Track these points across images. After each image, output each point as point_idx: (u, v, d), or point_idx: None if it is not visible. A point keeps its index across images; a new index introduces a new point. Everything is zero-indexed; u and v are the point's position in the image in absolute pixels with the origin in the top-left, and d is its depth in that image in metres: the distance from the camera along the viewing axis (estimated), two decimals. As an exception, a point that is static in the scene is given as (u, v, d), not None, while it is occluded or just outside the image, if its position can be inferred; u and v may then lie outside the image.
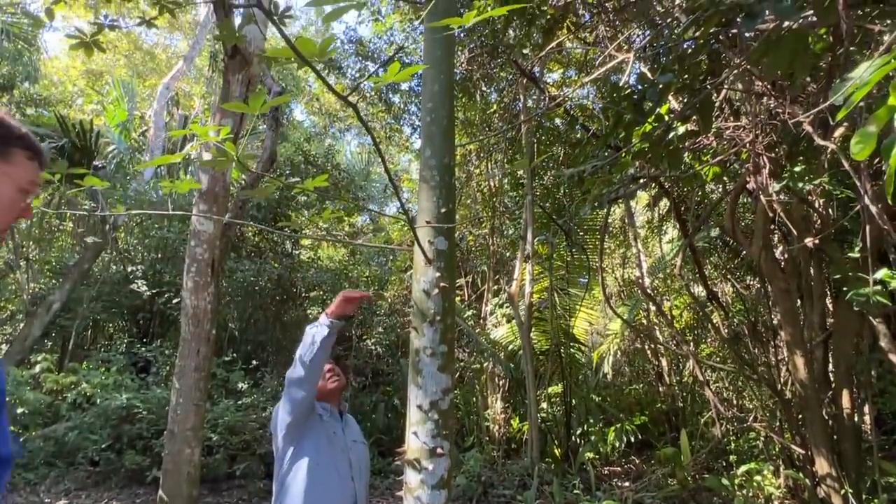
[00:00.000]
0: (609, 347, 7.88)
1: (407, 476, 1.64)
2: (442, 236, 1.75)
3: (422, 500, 1.60)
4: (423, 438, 1.63)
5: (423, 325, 1.70)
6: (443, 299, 1.71)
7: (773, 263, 5.41)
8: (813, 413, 4.99)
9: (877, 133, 0.95)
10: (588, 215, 6.20)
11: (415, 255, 1.77)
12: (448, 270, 1.74)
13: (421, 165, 1.86)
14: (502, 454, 7.29)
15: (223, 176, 3.94)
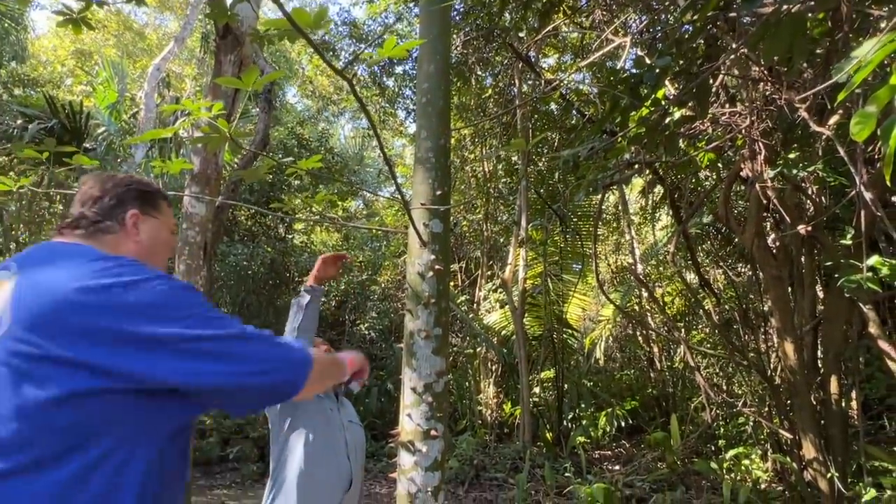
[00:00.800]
0: (601, 333, 7.93)
1: (401, 458, 1.65)
2: (437, 219, 1.73)
3: (415, 481, 1.60)
4: (416, 420, 1.63)
5: (418, 308, 1.69)
6: (437, 282, 1.71)
7: (765, 251, 5.44)
8: (801, 398, 5.05)
9: (876, 114, 0.94)
10: (582, 201, 6.19)
11: (410, 238, 1.76)
12: (443, 253, 1.73)
13: (416, 147, 1.84)
14: (495, 438, 7.36)
15: (215, 158, 3.89)
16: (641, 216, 9.33)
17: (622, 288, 8.51)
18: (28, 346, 0.89)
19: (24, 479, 0.87)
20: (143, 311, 0.93)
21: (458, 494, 5.79)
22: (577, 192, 5.01)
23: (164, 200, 1.27)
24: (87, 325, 0.90)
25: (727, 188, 5.21)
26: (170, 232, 1.26)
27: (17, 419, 0.88)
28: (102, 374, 0.90)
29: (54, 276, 0.94)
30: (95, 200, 1.14)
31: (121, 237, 1.14)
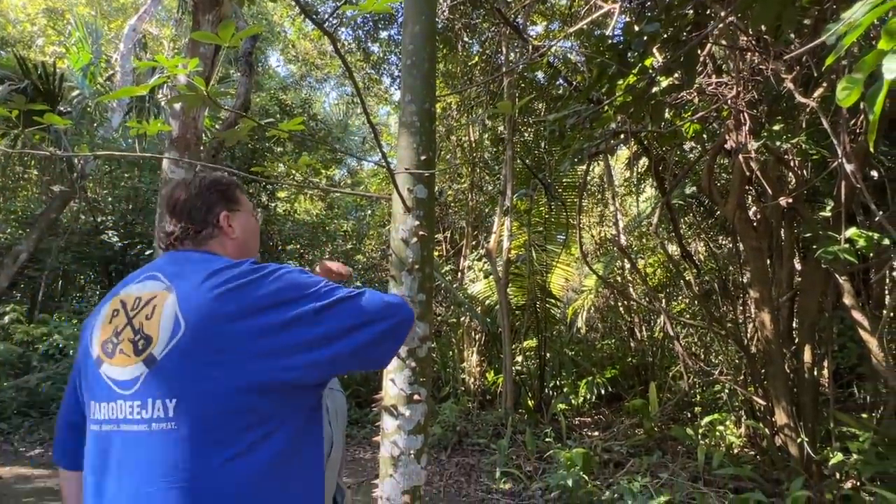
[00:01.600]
0: (583, 303, 8.02)
1: (384, 422, 1.66)
2: (421, 184, 1.71)
3: (398, 444, 1.62)
4: (400, 385, 1.64)
5: (402, 274, 1.69)
6: (421, 248, 1.70)
7: (746, 223, 5.51)
8: (776, 367, 5.19)
9: (863, 80, 0.94)
10: (568, 171, 6.18)
11: (394, 204, 1.74)
12: (427, 219, 1.72)
13: (400, 111, 1.80)
14: (478, 405, 7.48)
15: (194, 122, 3.80)
16: (626, 188, 9.36)
17: (605, 259, 8.59)
18: (207, 338, 1.03)
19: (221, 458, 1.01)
20: (285, 296, 1.07)
21: (441, 459, 5.91)
22: (563, 162, 5.00)
23: (238, 189, 1.36)
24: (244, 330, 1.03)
25: (711, 160, 5.24)
26: (253, 217, 1.38)
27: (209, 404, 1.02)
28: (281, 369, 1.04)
29: (204, 282, 1.08)
30: (189, 211, 1.26)
31: (222, 238, 1.27)
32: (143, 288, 1.13)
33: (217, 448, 1.01)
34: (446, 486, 5.21)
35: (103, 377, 1.08)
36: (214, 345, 1.02)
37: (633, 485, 4.08)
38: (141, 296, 1.12)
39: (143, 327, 1.07)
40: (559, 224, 7.61)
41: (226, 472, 1.00)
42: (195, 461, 1.00)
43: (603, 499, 4.27)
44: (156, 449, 1.01)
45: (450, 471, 5.54)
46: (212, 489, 1.00)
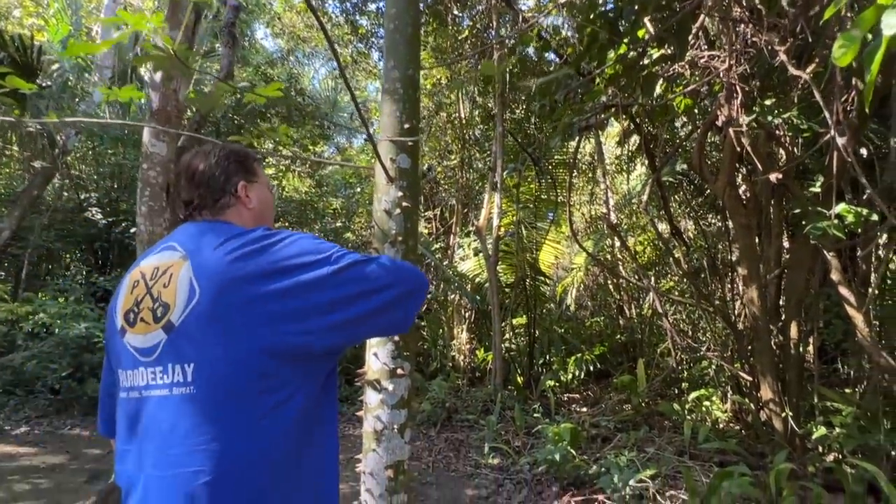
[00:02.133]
0: (573, 281, 8.04)
1: (367, 396, 1.63)
2: (405, 153, 1.66)
3: (381, 419, 1.60)
4: (383, 359, 1.61)
5: (385, 246, 1.64)
6: (405, 219, 1.65)
7: (735, 200, 5.51)
8: (762, 343, 5.24)
9: (860, 37, 0.90)
10: (558, 147, 6.11)
11: (376, 174, 1.69)
12: (411, 189, 1.67)
13: (383, 77, 1.74)
14: (467, 382, 7.52)
15: (175, 94, 3.69)
16: (616, 165, 9.32)
17: (595, 236, 8.58)
18: (223, 302, 1.04)
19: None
20: (299, 261, 1.07)
21: (430, 435, 5.94)
22: (554, 137, 4.94)
23: (256, 162, 1.38)
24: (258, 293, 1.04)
25: (702, 136, 5.20)
26: (269, 189, 1.39)
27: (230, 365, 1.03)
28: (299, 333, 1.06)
29: (219, 250, 1.10)
30: (207, 181, 1.27)
31: (239, 208, 1.28)
32: (161, 258, 1.15)
33: (234, 411, 1.02)
34: (435, 462, 5.25)
35: (127, 346, 1.12)
36: (228, 309, 1.03)
37: (619, 459, 4.12)
38: (159, 265, 1.14)
39: (161, 295, 1.09)
40: (549, 202, 7.56)
41: (243, 435, 1.02)
42: (214, 424, 1.01)
43: (590, 472, 4.31)
44: (177, 412, 1.03)
45: (439, 446, 5.57)
46: (231, 451, 1.01)
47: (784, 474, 3.79)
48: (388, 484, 1.59)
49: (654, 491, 3.93)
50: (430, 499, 4.37)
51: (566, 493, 4.23)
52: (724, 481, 3.61)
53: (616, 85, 2.72)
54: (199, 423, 1.02)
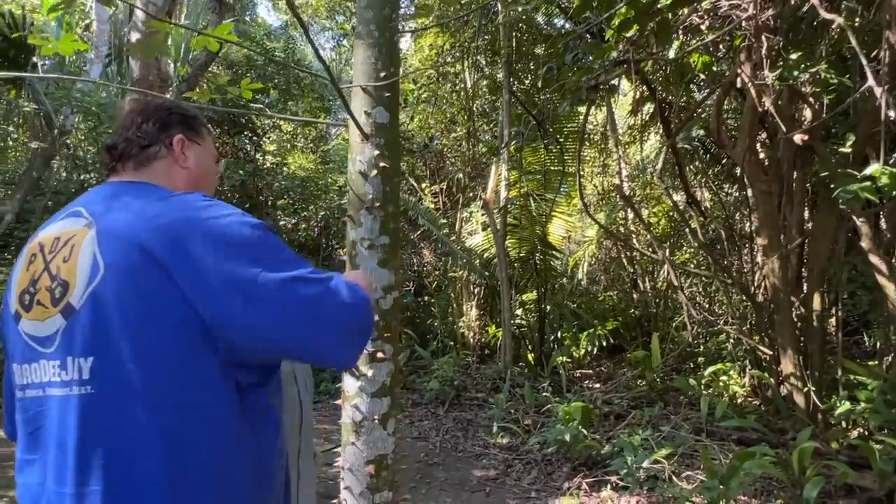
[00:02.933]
0: (584, 254, 7.80)
1: (345, 383, 1.46)
2: (381, 106, 1.45)
3: (360, 409, 1.42)
4: (361, 342, 1.42)
5: (360, 213, 1.44)
6: (383, 182, 1.45)
7: (756, 166, 5.21)
8: (783, 315, 5.01)
9: None
10: (566, 112, 5.82)
11: (350, 131, 1.48)
12: (389, 148, 1.46)
13: (357, 20, 1.52)
14: (476, 360, 7.37)
15: (157, 63, 3.49)
16: (630, 135, 8.98)
17: (607, 208, 8.31)
18: (132, 283, 0.86)
19: None
20: (228, 248, 0.89)
21: (439, 414, 5.82)
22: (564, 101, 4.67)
23: (205, 127, 1.22)
24: (180, 257, 0.87)
25: (720, 100, 4.90)
26: (214, 161, 1.22)
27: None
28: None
29: (134, 216, 0.92)
30: (139, 125, 1.10)
31: (170, 163, 1.11)
32: (63, 226, 0.96)
33: (140, 416, 0.84)
34: (443, 441, 5.12)
35: (22, 334, 0.93)
36: (135, 290, 0.86)
37: (633, 438, 3.94)
38: (60, 235, 0.95)
39: (61, 272, 0.91)
40: (559, 172, 7.28)
41: (152, 446, 0.83)
42: (114, 433, 0.84)
43: (602, 453, 4.15)
44: (77, 417, 0.85)
45: (447, 426, 5.45)
46: (134, 468, 0.83)
47: (808, 452, 3.60)
48: (369, 481, 1.42)
49: (669, 472, 3.76)
50: (436, 480, 4.24)
51: (577, 474, 4.08)
52: (745, 462, 3.42)
53: (627, 29, 2.45)
54: (98, 431, 0.84)
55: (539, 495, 3.92)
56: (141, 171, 1.07)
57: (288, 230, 9.10)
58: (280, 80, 7.89)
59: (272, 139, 9.38)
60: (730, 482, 3.33)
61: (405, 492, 3.96)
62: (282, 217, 8.79)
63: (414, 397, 6.48)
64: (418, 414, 5.92)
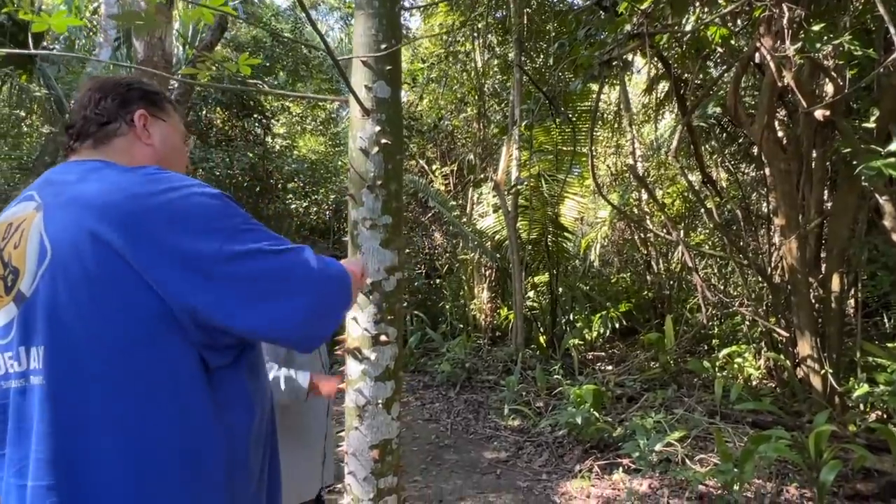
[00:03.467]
0: (597, 236, 7.70)
1: (348, 367, 1.42)
2: (382, 80, 1.39)
3: (363, 393, 1.39)
4: (363, 324, 1.39)
5: (362, 192, 1.40)
6: (385, 159, 1.40)
7: (774, 144, 5.07)
8: (800, 297, 4.91)
9: None
10: (578, 90, 5.68)
11: (351, 107, 1.42)
12: (391, 124, 1.41)
13: (356, -10, 1.46)
14: (488, 342, 7.35)
15: (161, 43, 3.44)
16: (644, 114, 8.80)
17: (620, 189, 8.18)
18: (81, 265, 0.82)
19: None
20: (184, 223, 0.85)
21: (450, 396, 5.82)
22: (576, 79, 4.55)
23: (170, 104, 1.16)
24: (139, 236, 0.83)
25: (738, 75, 4.75)
26: (181, 139, 1.17)
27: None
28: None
29: (84, 195, 0.87)
30: (97, 102, 1.03)
31: (132, 140, 1.05)
32: (16, 212, 0.92)
33: (92, 407, 0.81)
34: (454, 424, 5.12)
35: None
36: (84, 273, 0.81)
37: (645, 421, 3.89)
38: (13, 221, 0.91)
39: (12, 259, 0.87)
40: (571, 152, 7.15)
41: (104, 439, 0.80)
42: (66, 424, 0.81)
43: (614, 435, 4.12)
44: (34, 408, 0.83)
45: (458, 408, 5.45)
46: (87, 461, 0.80)
47: (824, 436, 3.53)
48: (373, 466, 1.39)
49: (682, 454, 3.72)
50: (447, 462, 4.25)
51: (589, 457, 4.05)
52: (760, 445, 3.36)
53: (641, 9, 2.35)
54: (54, 422, 0.81)
55: (550, 478, 3.90)
56: (100, 150, 1.02)
57: (299, 214, 9.09)
58: (288, 61, 7.81)
59: (281, 122, 9.32)
60: (744, 465, 3.28)
61: (415, 473, 3.97)
62: (293, 201, 8.77)
63: (425, 380, 6.49)
64: (429, 396, 5.93)
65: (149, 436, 0.82)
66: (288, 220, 9.18)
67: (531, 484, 3.78)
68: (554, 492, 3.68)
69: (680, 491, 3.44)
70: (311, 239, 9.65)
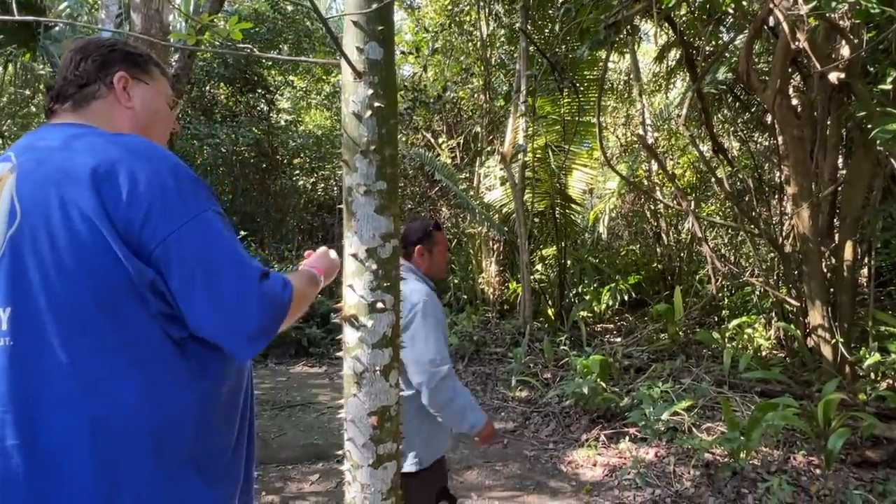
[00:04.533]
0: (605, 207, 7.63)
1: (345, 335, 1.41)
2: (374, 41, 1.35)
3: (361, 360, 1.38)
4: (360, 292, 1.38)
5: (355, 158, 1.37)
6: (378, 124, 1.36)
7: (787, 110, 4.95)
8: (812, 266, 4.84)
9: None
10: (585, 57, 5.54)
11: (342, 70, 1.39)
12: (385, 87, 1.37)
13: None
14: (496, 315, 7.36)
15: (159, 15, 3.40)
16: (654, 83, 8.62)
17: (629, 159, 8.06)
18: (49, 230, 0.82)
19: None
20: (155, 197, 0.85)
21: (458, 369, 5.85)
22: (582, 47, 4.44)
23: (156, 67, 1.12)
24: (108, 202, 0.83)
25: (751, 38, 4.62)
26: (166, 103, 1.13)
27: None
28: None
29: (56, 158, 0.87)
30: (77, 63, 1.02)
31: (111, 103, 1.02)
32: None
33: (57, 368, 0.81)
34: (462, 395, 5.15)
35: None
36: (50, 237, 0.82)
37: (653, 391, 3.90)
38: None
39: None
40: (578, 123, 7.03)
41: (69, 401, 0.81)
42: (30, 385, 0.82)
43: (621, 405, 4.13)
44: (1, 371, 0.83)
45: (466, 380, 5.48)
46: (53, 424, 0.81)
47: (833, 404, 3.52)
48: (372, 432, 1.39)
49: (689, 424, 3.72)
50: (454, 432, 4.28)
51: (595, 427, 4.07)
52: (768, 413, 3.36)
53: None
54: (16, 384, 0.82)
55: (556, 447, 3.93)
56: (79, 113, 1.00)
57: (307, 190, 9.07)
58: (290, 34, 7.69)
59: (286, 97, 9.24)
60: (751, 433, 3.28)
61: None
62: (300, 177, 8.75)
63: (433, 352, 6.52)
64: (438, 369, 5.97)
65: (112, 403, 0.82)
66: (295, 196, 9.16)
67: (538, 453, 3.81)
68: (560, 461, 3.71)
69: (686, 459, 3.45)
70: (319, 216, 9.66)
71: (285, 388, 5.41)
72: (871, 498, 2.89)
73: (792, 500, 2.91)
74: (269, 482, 3.35)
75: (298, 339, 6.75)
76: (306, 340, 6.78)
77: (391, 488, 1.45)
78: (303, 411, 4.74)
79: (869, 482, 3.13)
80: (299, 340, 6.76)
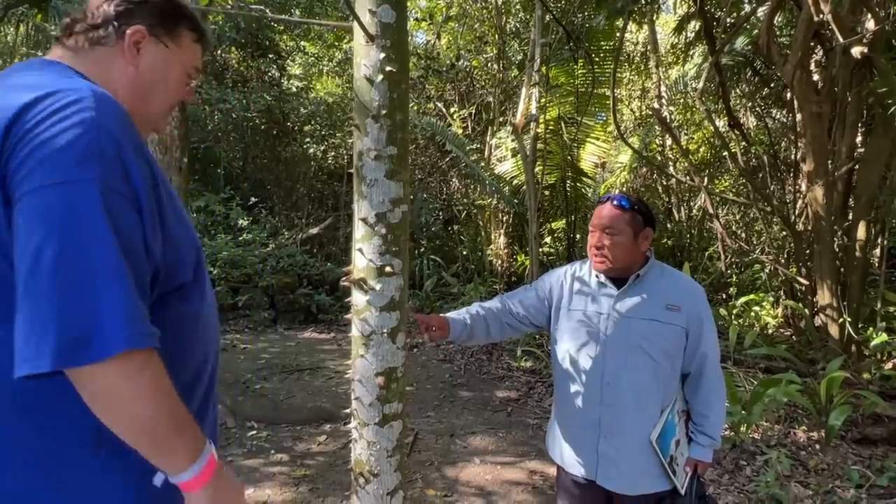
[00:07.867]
0: (616, 181, 7.57)
1: (354, 298, 1.44)
2: (387, 4, 1.34)
3: (369, 322, 1.41)
4: (368, 255, 1.40)
5: (367, 122, 1.37)
6: (390, 88, 1.37)
7: (807, 85, 4.85)
8: (824, 245, 4.81)
9: None
10: (602, 26, 5.43)
11: (355, 33, 1.38)
12: (397, 50, 1.37)
13: None
14: (504, 287, 7.39)
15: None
16: (672, 55, 8.44)
17: (641, 132, 7.95)
18: None
19: None
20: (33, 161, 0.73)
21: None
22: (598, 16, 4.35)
23: (190, 31, 0.99)
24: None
25: (773, 8, 4.50)
26: (185, 73, 1.01)
27: None
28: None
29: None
30: (101, 3, 0.92)
31: (114, 54, 0.92)
32: None
33: None
34: (468, 364, 5.23)
35: None
36: None
37: (657, 364, 3.92)
38: None
39: None
40: (590, 95, 6.91)
41: None
42: None
43: (625, 377, 4.16)
44: None
45: (472, 349, 5.55)
46: None
47: (837, 382, 3.53)
48: (379, 392, 1.43)
49: (691, 397, 3.76)
50: (460, 399, 4.36)
51: (599, 397, 4.12)
52: (770, 388, 3.38)
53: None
54: None
55: (560, 416, 3.99)
56: (78, 54, 0.91)
57: (317, 158, 9.05)
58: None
59: (297, 63, 9.15)
60: (752, 408, 3.32)
61: (429, 409, 4.10)
62: (311, 144, 8.72)
63: (441, 322, 6.59)
64: (445, 338, 6.04)
65: None
66: (305, 163, 9.15)
67: (540, 422, 3.88)
68: (563, 430, 3.76)
69: (687, 431, 3.50)
70: (330, 184, 9.65)
71: (294, 353, 5.50)
72: (868, 473, 2.93)
73: (790, 473, 2.95)
74: (280, 441, 3.44)
75: (308, 305, 6.84)
76: (315, 307, 6.87)
77: (396, 446, 1.50)
78: (311, 375, 4.83)
79: (868, 458, 3.17)
80: (308, 307, 6.85)
